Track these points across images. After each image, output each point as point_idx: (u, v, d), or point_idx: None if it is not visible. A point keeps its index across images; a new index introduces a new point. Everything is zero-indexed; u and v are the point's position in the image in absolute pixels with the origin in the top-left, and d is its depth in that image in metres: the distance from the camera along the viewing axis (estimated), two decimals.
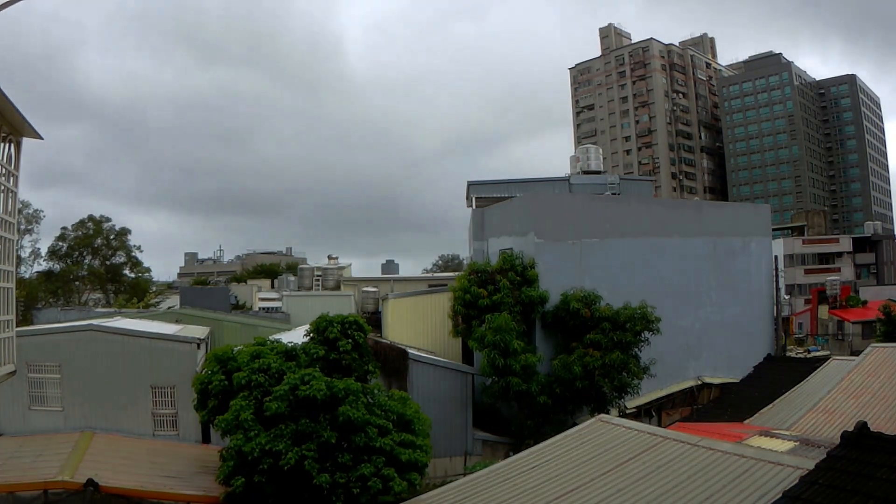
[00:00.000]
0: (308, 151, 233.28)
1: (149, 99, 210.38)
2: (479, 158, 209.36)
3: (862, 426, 7.82)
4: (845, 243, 74.44)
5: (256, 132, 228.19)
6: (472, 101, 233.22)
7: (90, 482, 14.31)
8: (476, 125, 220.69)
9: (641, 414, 25.83)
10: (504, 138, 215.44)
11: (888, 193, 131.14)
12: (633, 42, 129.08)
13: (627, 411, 24.60)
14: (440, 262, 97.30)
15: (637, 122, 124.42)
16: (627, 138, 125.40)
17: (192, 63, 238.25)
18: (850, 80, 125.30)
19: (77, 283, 56.28)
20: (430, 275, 61.10)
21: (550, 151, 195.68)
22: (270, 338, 18.06)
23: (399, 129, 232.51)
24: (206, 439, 20.22)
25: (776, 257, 32.57)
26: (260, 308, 49.37)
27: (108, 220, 57.72)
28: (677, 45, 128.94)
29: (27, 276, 51.53)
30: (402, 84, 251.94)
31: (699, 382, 27.84)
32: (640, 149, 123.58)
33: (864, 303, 51.30)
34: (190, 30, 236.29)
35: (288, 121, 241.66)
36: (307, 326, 17.53)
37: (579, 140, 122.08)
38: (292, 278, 55.14)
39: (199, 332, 25.12)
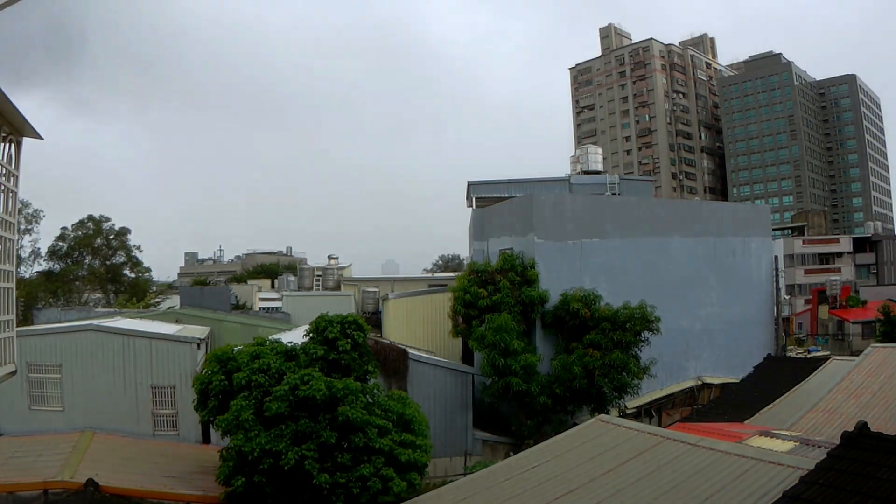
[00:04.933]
0: None
1: None
2: None
3: (862, 426, 7.81)
4: (845, 243, 74.37)
5: None
6: None
7: (90, 482, 14.29)
8: None
9: (641, 414, 25.83)
10: None
11: (888, 193, 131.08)
12: (633, 42, 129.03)
13: (627, 411, 24.62)
14: (440, 262, 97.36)
15: (637, 122, 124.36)
16: (627, 138, 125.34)
17: None
18: (850, 80, 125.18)
19: (77, 283, 56.23)
20: (430, 275, 61.10)
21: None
22: (270, 338, 18.04)
23: None
24: (206, 439, 20.22)
25: (776, 257, 32.57)
26: (260, 308, 49.38)
27: (108, 219, 57.74)
28: (677, 45, 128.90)
29: (27, 276, 51.50)
30: None
31: (699, 382, 27.86)
32: (640, 149, 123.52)
33: (864, 303, 51.20)
34: None
35: None
36: (307, 326, 17.52)
37: (579, 140, 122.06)
38: (292, 278, 55.12)
39: (199, 332, 25.11)
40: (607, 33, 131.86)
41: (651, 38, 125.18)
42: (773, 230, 63.76)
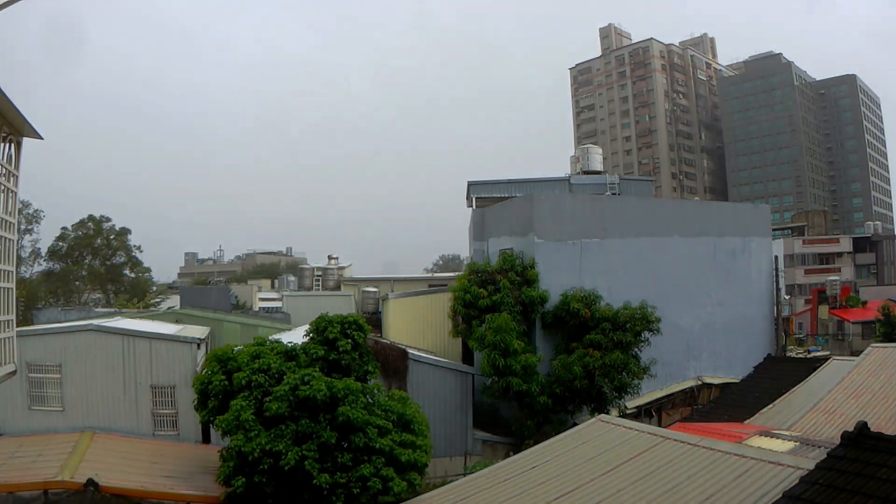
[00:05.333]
0: None
1: None
2: None
3: (862, 426, 7.82)
4: (845, 243, 74.32)
5: None
6: None
7: (90, 482, 14.32)
8: None
9: (641, 414, 25.84)
10: None
11: (888, 193, 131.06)
12: (633, 42, 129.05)
13: (627, 411, 24.62)
14: (440, 261, 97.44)
15: (637, 122, 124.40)
16: (627, 138, 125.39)
17: None
18: (850, 80, 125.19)
19: (77, 283, 56.25)
20: (430, 275, 61.05)
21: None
22: (270, 338, 18.05)
23: None
24: (206, 439, 20.22)
25: (776, 257, 32.58)
26: (260, 308, 49.34)
27: (108, 220, 57.75)
28: (677, 45, 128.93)
29: (27, 276, 51.52)
30: None
31: (699, 382, 27.86)
32: (640, 149, 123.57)
33: (864, 303, 51.21)
34: None
35: None
36: (307, 326, 17.53)
37: (579, 140, 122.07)
38: (292, 278, 55.20)
39: (199, 332, 25.10)
40: (607, 33, 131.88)
41: (651, 39, 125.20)
42: (773, 230, 63.68)
